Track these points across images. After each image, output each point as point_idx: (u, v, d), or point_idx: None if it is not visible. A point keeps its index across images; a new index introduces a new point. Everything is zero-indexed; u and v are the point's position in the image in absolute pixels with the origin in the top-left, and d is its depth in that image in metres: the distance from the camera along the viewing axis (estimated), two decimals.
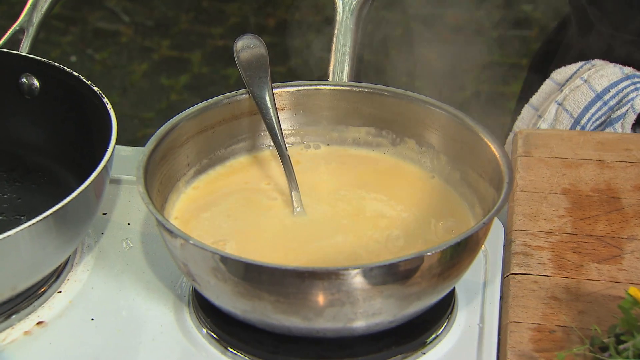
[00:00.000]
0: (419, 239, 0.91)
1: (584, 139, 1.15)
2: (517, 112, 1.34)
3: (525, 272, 0.97)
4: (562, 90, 1.27)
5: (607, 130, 1.23)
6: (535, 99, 1.30)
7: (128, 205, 1.05)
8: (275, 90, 0.99)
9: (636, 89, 1.21)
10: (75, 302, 0.94)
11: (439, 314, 0.90)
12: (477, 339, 0.90)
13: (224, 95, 0.98)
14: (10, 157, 1.07)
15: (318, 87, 1.00)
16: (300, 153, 1.01)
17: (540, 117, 1.27)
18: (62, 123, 1.05)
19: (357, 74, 1.02)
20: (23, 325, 0.91)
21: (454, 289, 0.92)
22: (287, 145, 0.97)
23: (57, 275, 0.96)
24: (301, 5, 3.52)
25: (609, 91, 1.21)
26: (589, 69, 1.25)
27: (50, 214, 0.87)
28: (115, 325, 0.91)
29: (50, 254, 0.90)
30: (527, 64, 1.46)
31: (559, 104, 1.25)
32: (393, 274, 0.80)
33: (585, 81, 1.23)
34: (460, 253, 0.83)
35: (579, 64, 1.27)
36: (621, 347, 0.84)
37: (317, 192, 0.97)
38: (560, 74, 1.28)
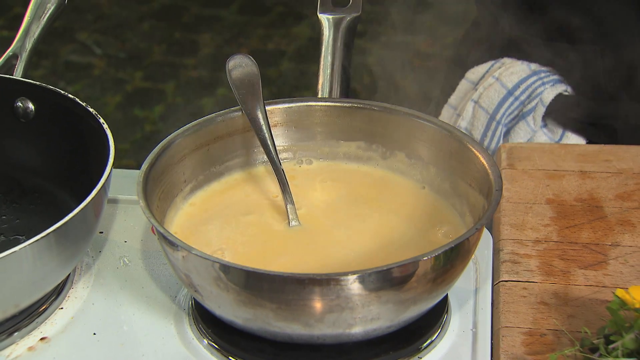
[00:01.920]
0: (413, 248, 0.93)
1: (565, 151, 1.18)
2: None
3: (514, 279, 1.00)
4: (476, 89, 1.33)
5: (520, 123, 1.29)
6: (453, 99, 1.37)
7: (124, 223, 1.07)
8: (268, 107, 1.01)
9: (543, 84, 1.28)
10: (77, 318, 0.96)
11: (434, 320, 0.93)
12: (471, 343, 0.92)
13: (217, 113, 1.01)
14: (8, 179, 1.09)
15: (310, 103, 1.03)
16: (293, 169, 1.04)
17: (459, 115, 1.33)
18: (58, 144, 1.07)
19: (346, 91, 1.05)
20: (27, 341, 0.93)
21: (447, 296, 0.95)
22: (280, 160, 1.00)
23: (57, 292, 0.98)
24: (274, 35, 3.56)
25: (519, 87, 1.29)
26: (500, 67, 1.32)
27: (52, 232, 0.89)
28: (118, 340, 0.93)
29: (52, 271, 0.92)
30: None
31: (475, 102, 1.31)
32: (390, 279, 0.83)
33: (497, 79, 1.29)
34: (454, 258, 0.86)
35: (490, 62, 1.33)
36: (611, 347, 0.87)
37: (312, 206, 1.00)
38: (474, 73, 1.34)
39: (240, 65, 1.01)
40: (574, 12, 1.26)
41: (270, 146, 0.98)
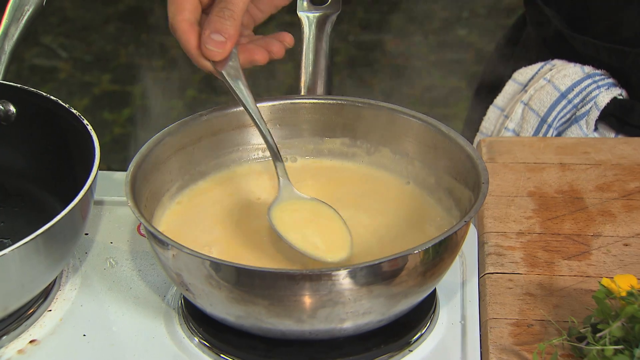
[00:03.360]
0: (401, 243, 0.94)
1: (544, 144, 1.20)
2: (474, 111, 1.39)
3: (500, 272, 1.01)
4: (526, 91, 1.32)
5: (573, 127, 1.28)
6: (500, 100, 1.35)
7: (109, 225, 1.07)
8: None
9: (598, 87, 1.27)
10: (66, 320, 0.96)
11: (423, 313, 0.94)
12: (460, 335, 0.93)
13: (201, 112, 1.01)
14: None
15: (294, 101, 1.03)
16: None
17: (507, 117, 1.32)
18: (41, 147, 1.06)
19: (328, 88, 1.06)
20: (16, 344, 0.93)
21: (435, 290, 0.96)
22: (265, 157, 1.00)
23: (45, 295, 0.98)
24: None
25: (573, 90, 1.27)
26: (550, 69, 1.30)
27: (39, 235, 0.88)
28: (108, 340, 0.93)
29: (40, 273, 0.92)
30: (481, 70, 1.52)
31: (525, 104, 1.30)
32: (381, 273, 0.84)
33: (549, 81, 1.28)
34: (443, 251, 0.87)
35: (539, 64, 1.32)
36: (598, 335, 0.88)
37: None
38: (522, 75, 1.33)
39: None
40: (626, 13, 1.26)
41: (252, 108, 0.96)
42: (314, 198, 0.96)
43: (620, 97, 1.27)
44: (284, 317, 0.85)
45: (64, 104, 1.03)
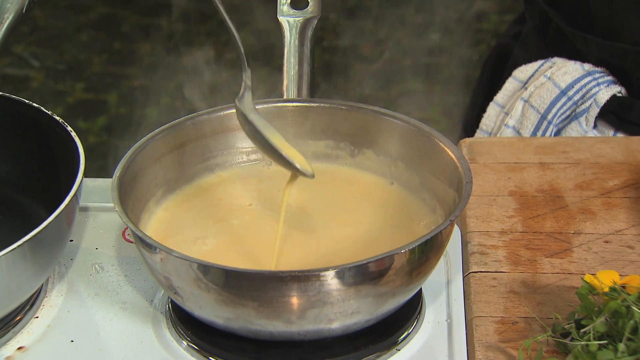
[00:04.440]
0: (386, 243, 0.94)
1: (523, 144, 1.21)
2: (473, 109, 1.40)
3: (483, 270, 1.02)
4: (526, 88, 1.33)
5: (573, 123, 1.30)
6: (500, 97, 1.36)
7: (94, 231, 1.07)
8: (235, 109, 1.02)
9: (598, 84, 1.29)
10: (53, 326, 0.96)
11: (410, 313, 0.94)
12: (446, 334, 0.94)
13: (186, 117, 1.01)
14: None
15: (277, 104, 1.04)
16: (262, 170, 1.05)
17: (507, 114, 1.34)
18: (24, 154, 1.07)
19: (310, 91, 1.06)
20: (4, 352, 0.93)
21: (421, 290, 0.97)
22: (249, 160, 1.00)
23: (32, 302, 0.98)
24: (216, 43, 3.56)
25: (573, 87, 1.29)
26: (551, 67, 1.32)
27: (26, 242, 0.88)
28: (96, 345, 0.93)
29: (27, 280, 0.92)
30: (481, 65, 1.53)
31: (525, 101, 1.31)
32: (369, 273, 0.85)
33: (549, 78, 1.30)
34: (429, 250, 0.88)
35: (540, 62, 1.34)
36: (582, 331, 0.89)
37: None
38: (522, 72, 1.35)
39: None
40: (625, 11, 1.28)
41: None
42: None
43: (620, 95, 1.29)
44: (273, 319, 0.86)
45: (47, 111, 1.04)
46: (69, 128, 1.01)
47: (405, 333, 0.93)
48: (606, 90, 1.29)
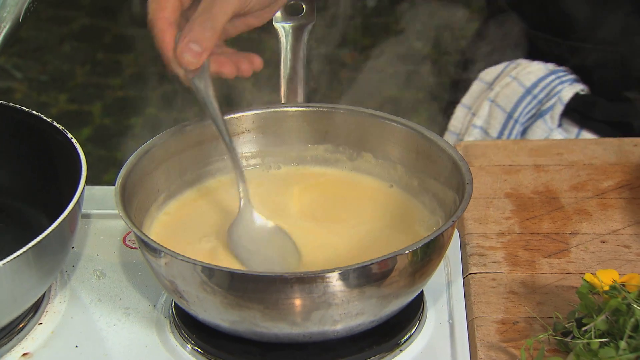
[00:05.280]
0: (387, 245, 0.95)
1: (518, 146, 1.22)
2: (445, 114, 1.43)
3: (483, 271, 1.03)
4: (492, 89, 1.35)
5: (538, 121, 1.33)
6: (466, 99, 1.39)
7: (94, 237, 1.08)
8: (235, 115, 1.03)
9: (561, 82, 1.32)
10: (57, 332, 0.96)
11: (412, 314, 0.95)
12: (448, 334, 0.95)
13: (184, 123, 1.02)
14: None
15: (277, 109, 1.05)
16: (261, 175, 1.06)
17: (474, 114, 1.36)
18: (24, 162, 1.07)
19: (307, 96, 1.07)
20: (9, 358, 0.93)
21: (422, 291, 0.97)
22: (249, 165, 1.01)
23: (35, 309, 0.98)
24: None
25: (537, 85, 1.32)
26: (515, 67, 1.35)
27: (30, 248, 0.89)
28: (101, 351, 0.94)
29: (32, 286, 0.92)
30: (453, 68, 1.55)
31: (492, 101, 1.34)
32: (373, 274, 0.85)
33: (514, 78, 1.33)
34: (431, 251, 0.89)
35: (504, 64, 1.37)
36: (583, 329, 0.90)
37: (283, 211, 1.02)
38: (488, 74, 1.38)
39: None
40: (585, 10, 1.30)
41: (219, 120, 0.96)
42: (270, 223, 0.98)
43: (583, 93, 1.32)
44: (279, 321, 0.86)
45: (47, 119, 1.04)
46: (69, 135, 1.02)
47: (408, 334, 0.94)
48: (570, 88, 1.32)
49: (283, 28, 1.12)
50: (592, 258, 1.04)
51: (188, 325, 0.94)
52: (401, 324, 0.94)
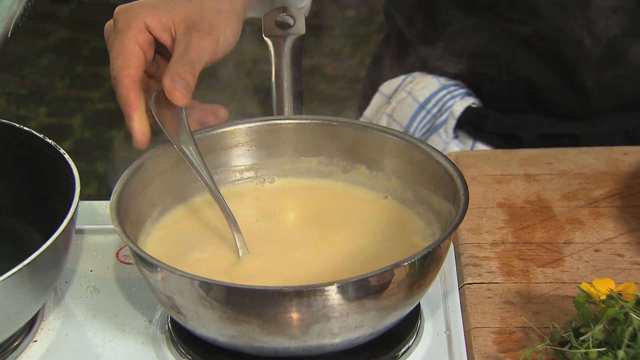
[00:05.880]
0: (384, 257, 0.95)
1: (508, 156, 1.23)
2: None
3: (477, 282, 1.03)
4: (390, 103, 1.38)
5: (433, 135, 1.36)
6: (368, 112, 1.43)
7: (87, 253, 1.07)
8: (228, 128, 1.03)
9: (453, 97, 1.35)
10: (52, 350, 0.95)
11: (409, 326, 0.95)
12: (446, 345, 0.95)
13: None
14: None
15: (270, 122, 1.04)
16: (256, 188, 1.05)
17: None
18: (15, 178, 1.06)
19: (300, 108, 1.07)
20: None
21: (419, 303, 0.97)
22: (243, 178, 1.00)
23: (29, 326, 0.97)
24: None
25: (430, 101, 1.35)
26: (411, 82, 1.37)
27: (25, 266, 0.88)
28: None
29: (27, 304, 0.92)
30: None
31: (389, 116, 1.37)
32: (372, 286, 0.85)
33: (409, 93, 1.35)
34: (429, 263, 0.88)
35: (402, 77, 1.39)
36: (581, 339, 0.90)
37: (278, 224, 1.02)
38: (387, 87, 1.40)
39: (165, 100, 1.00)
40: (469, 25, 1.32)
41: (207, 179, 0.97)
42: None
43: (475, 106, 1.33)
44: (278, 335, 0.86)
45: (38, 135, 1.04)
46: (62, 151, 1.01)
47: (406, 346, 0.94)
48: (461, 102, 1.34)
49: (273, 41, 1.12)
50: (586, 267, 1.04)
51: (185, 340, 0.93)
52: (399, 336, 0.94)
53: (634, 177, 1.17)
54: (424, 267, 0.88)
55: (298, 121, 1.05)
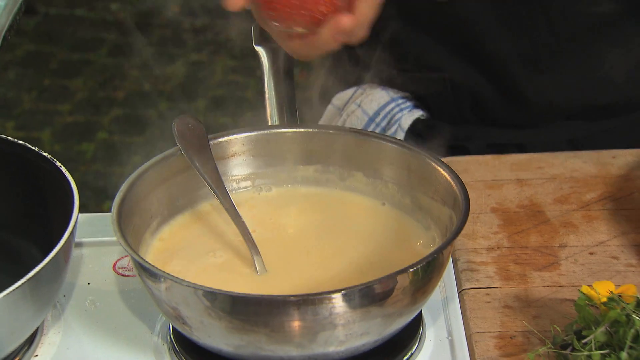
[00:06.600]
0: (387, 263, 0.95)
1: (498, 161, 1.23)
2: None
3: (476, 287, 1.03)
4: (341, 115, 1.39)
5: None
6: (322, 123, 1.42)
7: (84, 266, 1.06)
8: (224, 138, 1.03)
9: (401, 110, 1.35)
10: None
11: (412, 332, 0.95)
12: (449, 350, 0.95)
13: (176, 147, 1.01)
14: None
15: (266, 131, 1.04)
16: (253, 197, 1.05)
17: None
18: (11, 192, 1.04)
19: (294, 117, 1.07)
20: None
21: (420, 310, 0.98)
22: (239, 187, 1.00)
23: (30, 341, 0.96)
24: (148, 76, 3.55)
25: (379, 114, 1.36)
26: (362, 94, 1.38)
27: (26, 281, 0.87)
28: None
29: (29, 319, 0.91)
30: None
31: None
32: (377, 293, 0.85)
33: (359, 106, 1.37)
34: (433, 268, 0.89)
35: (353, 89, 1.40)
36: (583, 342, 0.91)
37: (276, 233, 1.01)
38: (339, 99, 1.41)
39: (187, 126, 1.01)
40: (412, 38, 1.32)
41: (230, 208, 0.98)
42: None
43: (423, 118, 1.34)
44: (284, 343, 0.86)
45: (33, 148, 1.03)
46: (58, 164, 1.00)
47: (410, 352, 0.94)
48: (409, 115, 1.35)
49: (263, 50, 1.12)
50: (582, 270, 1.05)
51: (188, 351, 0.93)
52: (402, 342, 0.94)
53: (624, 179, 1.18)
54: (427, 273, 0.89)
55: (294, 130, 1.05)
